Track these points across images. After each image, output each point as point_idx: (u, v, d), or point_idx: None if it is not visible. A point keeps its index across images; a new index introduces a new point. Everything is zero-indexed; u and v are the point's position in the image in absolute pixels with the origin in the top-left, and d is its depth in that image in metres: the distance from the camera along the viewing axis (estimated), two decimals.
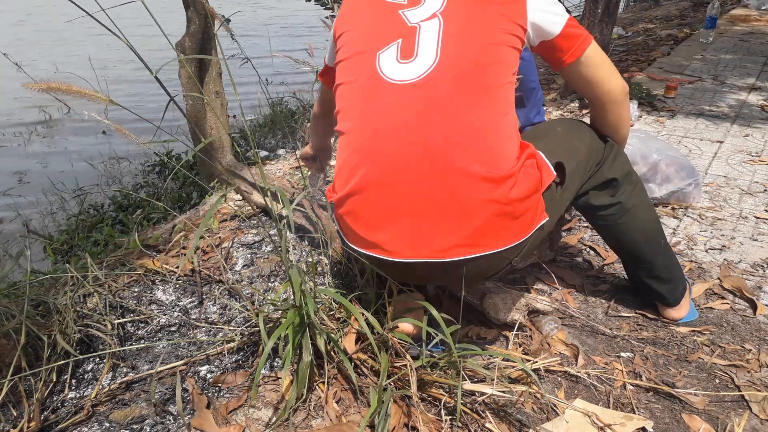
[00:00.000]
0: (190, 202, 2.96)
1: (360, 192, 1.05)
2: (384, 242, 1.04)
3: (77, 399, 1.16)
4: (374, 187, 1.03)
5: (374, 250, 1.06)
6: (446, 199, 0.99)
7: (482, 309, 1.33)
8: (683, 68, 3.81)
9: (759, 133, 2.65)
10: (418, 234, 1.01)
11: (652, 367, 1.23)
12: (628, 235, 1.28)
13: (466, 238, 1.00)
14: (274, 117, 3.74)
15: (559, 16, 1.09)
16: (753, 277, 1.56)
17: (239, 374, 1.20)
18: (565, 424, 1.05)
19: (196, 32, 2.07)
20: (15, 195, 3.58)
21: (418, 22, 1.06)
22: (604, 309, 1.44)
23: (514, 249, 1.05)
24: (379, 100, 1.04)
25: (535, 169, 1.07)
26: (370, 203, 1.04)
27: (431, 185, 1.00)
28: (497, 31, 1.04)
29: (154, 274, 1.55)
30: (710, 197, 2.03)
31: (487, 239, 1.01)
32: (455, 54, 1.02)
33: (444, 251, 1.01)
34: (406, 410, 1.07)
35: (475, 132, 1.00)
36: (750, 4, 6.23)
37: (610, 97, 1.18)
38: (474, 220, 0.99)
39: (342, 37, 1.15)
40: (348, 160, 1.08)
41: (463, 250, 1.01)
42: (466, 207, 0.99)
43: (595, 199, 1.25)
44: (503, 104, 1.04)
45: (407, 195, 1.01)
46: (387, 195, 1.02)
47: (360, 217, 1.06)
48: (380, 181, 1.03)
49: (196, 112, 2.13)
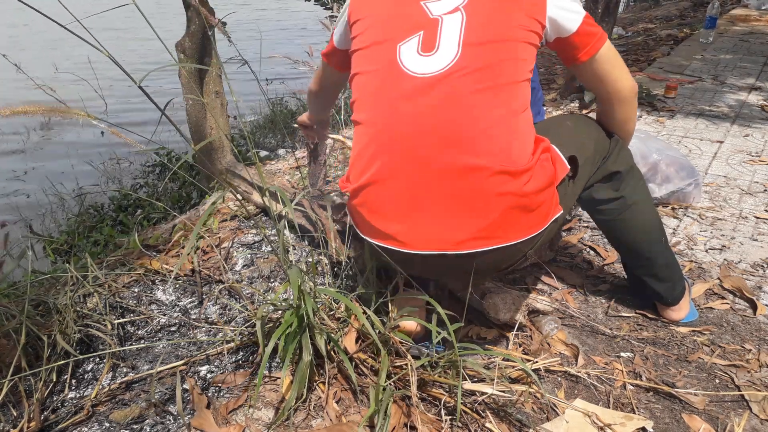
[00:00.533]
0: (190, 202, 2.96)
1: (375, 183, 1.05)
2: (398, 234, 1.04)
3: (77, 399, 1.16)
4: (390, 179, 1.03)
5: (388, 242, 1.06)
6: (462, 192, 1.00)
7: (482, 309, 1.33)
8: (683, 68, 3.81)
9: (759, 133, 2.65)
10: (433, 226, 1.02)
11: (652, 367, 1.23)
12: (628, 231, 1.28)
13: (481, 231, 1.00)
14: (274, 117, 3.74)
15: (576, 14, 1.09)
16: (753, 277, 1.56)
17: (239, 374, 1.20)
18: (565, 424, 1.05)
19: (196, 32, 2.07)
20: (15, 195, 3.58)
21: (441, 14, 1.05)
22: (604, 309, 1.44)
23: (528, 241, 1.05)
24: (398, 92, 1.04)
25: (549, 162, 1.08)
26: (385, 195, 1.05)
27: (447, 178, 1.00)
28: (517, 27, 1.04)
29: (154, 274, 1.55)
30: (710, 197, 2.03)
31: (502, 232, 1.01)
32: (476, 49, 1.02)
33: (459, 243, 1.01)
34: (406, 410, 1.07)
35: (493, 127, 1.00)
36: (750, 4, 6.23)
37: (620, 96, 1.19)
38: (490, 213, 1.00)
39: (358, 23, 1.14)
40: (364, 151, 1.08)
41: (478, 243, 1.01)
42: (482, 200, 0.99)
43: (598, 192, 1.25)
44: (521, 100, 1.04)
45: (423, 188, 1.01)
46: (402, 187, 1.03)
47: (374, 208, 1.07)
48: (396, 173, 1.03)
49: (196, 113, 2.13)
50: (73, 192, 3.42)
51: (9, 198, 3.54)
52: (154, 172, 3.58)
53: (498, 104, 1.01)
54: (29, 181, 3.88)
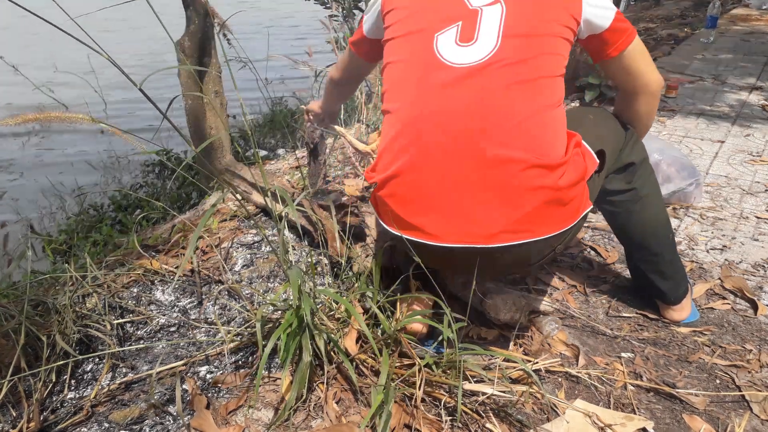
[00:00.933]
0: (189, 202, 2.96)
1: (405, 173, 1.04)
2: (426, 226, 1.03)
3: (77, 399, 1.16)
4: (421, 170, 1.02)
5: (415, 234, 1.05)
6: (495, 185, 0.99)
7: (483, 309, 1.33)
8: (684, 68, 3.81)
9: (760, 133, 2.64)
10: (464, 219, 1.01)
11: (652, 368, 1.23)
12: (638, 224, 1.28)
13: (514, 224, 0.99)
14: (274, 117, 3.74)
15: (609, 11, 1.10)
16: (754, 278, 1.56)
17: (239, 375, 1.20)
18: (565, 424, 1.05)
19: (196, 31, 2.07)
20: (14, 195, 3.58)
21: (481, 6, 1.05)
22: (604, 309, 1.44)
23: (560, 236, 1.04)
24: (434, 82, 1.03)
25: (581, 157, 1.08)
26: (415, 186, 1.03)
27: (480, 170, 0.99)
28: (555, 22, 1.04)
29: (154, 275, 1.55)
30: (711, 197, 2.03)
31: (535, 226, 1.00)
32: (516, 42, 1.02)
33: (490, 237, 1.00)
34: (407, 410, 1.07)
35: (529, 120, 1.00)
36: (751, 3, 6.23)
37: (647, 89, 1.20)
38: (523, 206, 0.99)
39: (392, 13, 1.13)
40: (394, 141, 1.07)
41: (510, 236, 1.00)
42: (515, 193, 0.99)
43: (612, 183, 1.25)
44: (557, 95, 1.04)
45: (454, 179, 1.00)
46: (433, 178, 1.01)
47: (403, 199, 1.05)
48: (427, 164, 1.02)
49: (196, 112, 2.13)
50: (73, 192, 3.41)
51: (9, 198, 3.54)
52: (153, 172, 3.57)
53: (534, 98, 1.01)
54: (28, 180, 3.87)
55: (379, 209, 1.14)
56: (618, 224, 1.32)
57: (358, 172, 2.07)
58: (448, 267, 1.19)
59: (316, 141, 1.83)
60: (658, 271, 1.32)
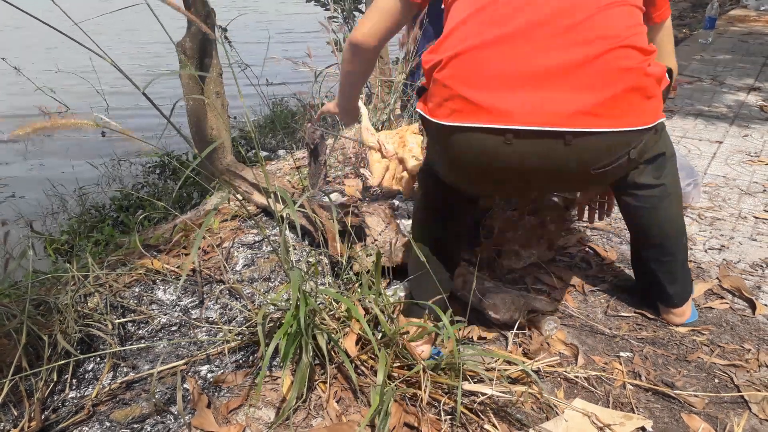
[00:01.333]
0: (191, 202, 2.96)
1: (475, 49, 0.97)
2: (495, 104, 0.94)
3: (78, 398, 1.17)
4: (492, 45, 0.96)
5: (479, 117, 0.96)
6: (581, 62, 0.93)
7: (482, 309, 1.34)
8: (682, 68, 3.82)
9: (758, 134, 2.65)
10: (540, 99, 0.94)
11: (651, 367, 1.23)
12: (661, 222, 1.23)
13: (595, 106, 0.93)
14: (274, 117, 3.74)
15: None
16: (752, 277, 1.56)
17: (240, 374, 1.20)
18: (564, 423, 1.06)
19: (197, 33, 2.08)
20: (16, 195, 3.58)
21: None
22: (603, 309, 1.44)
23: (638, 134, 0.99)
24: None
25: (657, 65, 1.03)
26: (485, 62, 0.96)
27: (564, 49, 0.94)
28: None
29: (155, 274, 1.55)
30: (709, 197, 2.03)
31: (619, 112, 0.94)
32: None
33: (567, 117, 0.92)
34: (407, 410, 1.07)
35: (614, 7, 0.97)
36: (749, 4, 6.24)
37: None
38: (609, 88, 0.93)
39: None
40: (463, 24, 1.00)
41: (591, 121, 0.93)
42: (602, 73, 0.93)
43: (641, 176, 1.18)
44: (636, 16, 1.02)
45: (531, 55, 0.95)
46: (507, 54, 0.95)
47: (469, 77, 0.97)
48: (501, 40, 0.96)
49: (197, 113, 2.13)
50: (74, 192, 3.42)
51: (9, 198, 3.54)
52: (154, 172, 3.58)
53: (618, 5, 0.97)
54: (29, 181, 3.88)
55: (433, 99, 1.04)
56: (638, 220, 1.26)
57: (358, 172, 2.08)
58: (500, 176, 1.05)
59: (317, 142, 1.84)
60: (670, 272, 1.29)
